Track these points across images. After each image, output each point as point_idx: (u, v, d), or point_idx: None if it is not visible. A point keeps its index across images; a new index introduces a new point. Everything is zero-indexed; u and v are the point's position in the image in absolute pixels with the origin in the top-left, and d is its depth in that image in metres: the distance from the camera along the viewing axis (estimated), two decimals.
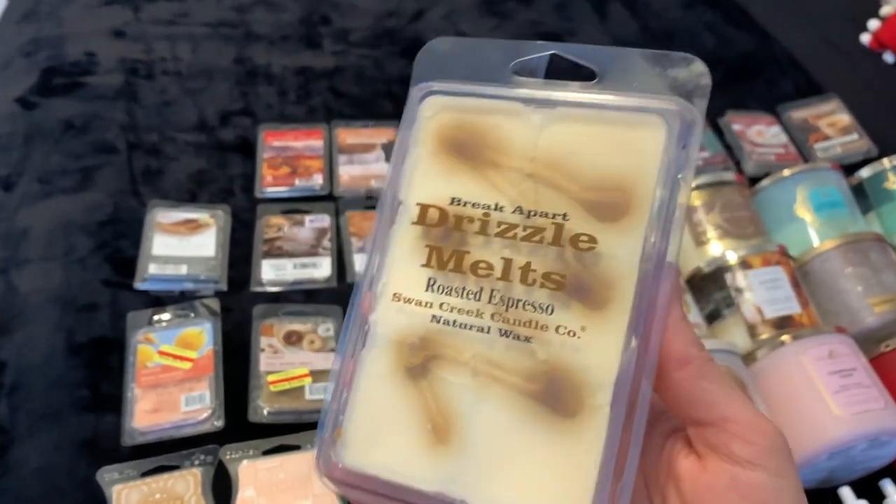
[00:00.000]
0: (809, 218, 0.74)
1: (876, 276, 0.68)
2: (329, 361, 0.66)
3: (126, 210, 0.77)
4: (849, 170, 0.81)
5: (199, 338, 0.66)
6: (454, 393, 0.29)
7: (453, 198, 0.31)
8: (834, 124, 0.91)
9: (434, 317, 0.30)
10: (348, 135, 0.87)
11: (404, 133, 0.33)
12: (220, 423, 0.62)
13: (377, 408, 0.30)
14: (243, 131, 0.87)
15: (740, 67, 1.01)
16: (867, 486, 0.61)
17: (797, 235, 0.74)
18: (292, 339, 0.67)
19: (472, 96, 0.33)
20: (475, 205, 0.31)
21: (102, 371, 0.65)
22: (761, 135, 0.89)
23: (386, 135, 0.87)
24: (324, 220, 0.78)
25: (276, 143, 0.85)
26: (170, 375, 0.64)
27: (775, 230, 0.75)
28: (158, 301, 0.70)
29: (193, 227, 0.75)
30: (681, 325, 0.28)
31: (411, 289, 0.31)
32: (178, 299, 0.71)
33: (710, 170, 0.84)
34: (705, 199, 0.73)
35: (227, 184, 0.81)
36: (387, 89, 0.94)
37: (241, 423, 0.63)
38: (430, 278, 0.30)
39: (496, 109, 0.32)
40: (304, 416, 0.63)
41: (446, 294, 0.30)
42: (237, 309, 0.71)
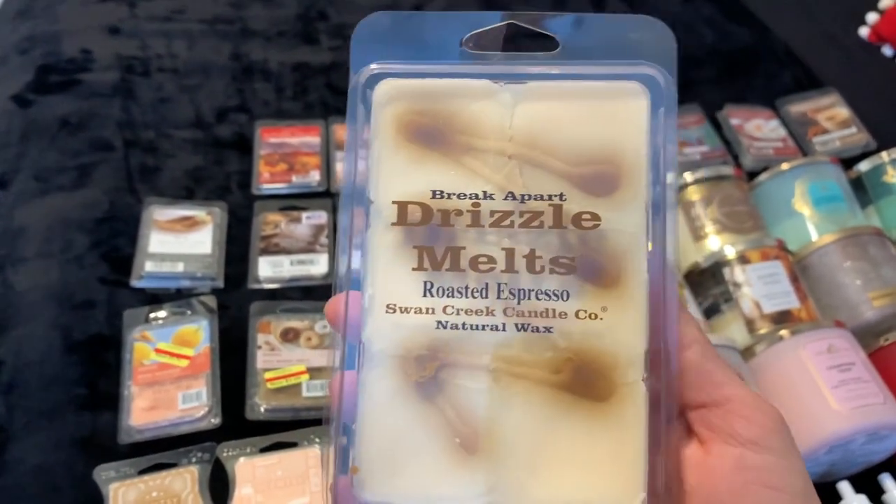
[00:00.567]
0: (808, 212, 0.74)
1: (875, 271, 0.68)
2: (326, 358, 0.66)
3: (123, 207, 0.77)
4: (848, 163, 0.81)
5: (195, 335, 0.66)
6: (476, 399, 0.27)
7: (434, 191, 0.28)
8: (833, 118, 0.91)
9: (439, 322, 0.28)
10: (345, 131, 0.87)
11: (356, 126, 0.30)
12: (217, 421, 0.62)
13: (392, 432, 0.27)
14: (240, 128, 0.86)
15: (739, 61, 1.00)
16: (866, 481, 0.61)
17: (796, 230, 0.74)
18: (289, 337, 0.67)
19: (428, 76, 0.29)
20: (461, 195, 0.28)
21: (99, 369, 0.65)
22: (760, 129, 0.89)
23: None
24: (321, 217, 0.78)
25: (272, 139, 0.85)
26: (166, 373, 0.63)
27: (774, 224, 0.75)
28: (155, 298, 0.70)
29: (190, 224, 0.75)
30: (680, 308, 0.28)
31: (406, 297, 0.28)
32: (175, 297, 0.70)
33: (708, 164, 0.83)
34: (703, 193, 0.73)
35: (224, 181, 0.81)
36: None
37: (239, 421, 0.63)
38: (425, 282, 0.28)
39: (461, 89, 0.29)
40: (302, 413, 0.63)
41: (448, 296, 0.28)
42: (234, 306, 0.70)
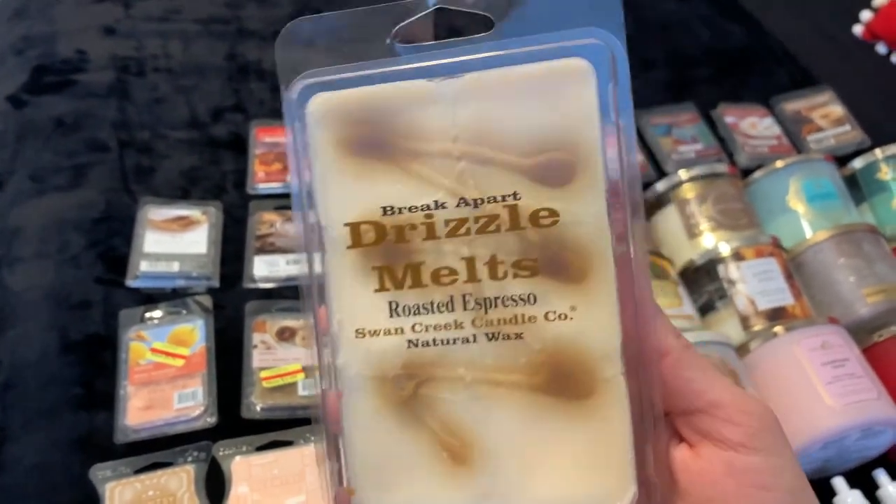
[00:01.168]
0: (802, 209, 0.74)
1: (869, 267, 0.68)
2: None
3: (118, 207, 0.77)
4: (842, 161, 0.81)
5: (191, 335, 0.66)
6: (458, 410, 0.27)
7: (384, 207, 0.27)
8: (827, 116, 0.91)
9: (410, 342, 0.27)
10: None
11: (294, 144, 0.28)
12: (212, 420, 0.62)
13: (381, 453, 0.27)
14: (235, 128, 0.86)
15: (734, 59, 1.01)
16: (861, 476, 0.61)
17: (790, 227, 0.74)
18: (285, 336, 0.67)
19: (361, 83, 0.27)
20: (412, 208, 0.27)
21: (96, 368, 0.65)
22: (754, 127, 0.89)
23: None
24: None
25: (268, 139, 0.85)
26: (162, 372, 0.64)
27: (768, 222, 0.75)
28: (151, 298, 0.70)
29: (185, 224, 0.75)
30: (655, 314, 0.27)
31: (373, 320, 0.27)
32: (171, 296, 0.71)
33: (703, 162, 0.83)
34: (698, 191, 0.73)
35: (220, 180, 0.81)
36: None
37: (234, 420, 0.63)
38: (390, 302, 0.27)
39: (397, 93, 0.27)
40: (297, 412, 0.63)
41: (414, 314, 0.27)
42: (230, 306, 0.70)
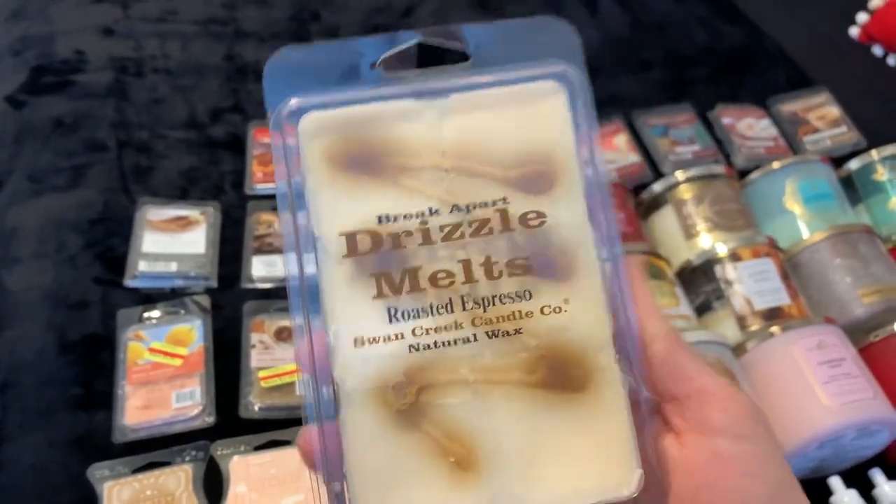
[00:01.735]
0: (799, 210, 0.74)
1: (865, 268, 0.68)
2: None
3: (117, 208, 0.77)
4: (838, 162, 0.81)
5: (189, 335, 0.66)
6: (461, 415, 0.27)
7: (379, 216, 0.28)
8: (823, 117, 0.92)
9: (410, 346, 0.27)
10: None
11: (283, 165, 0.29)
12: (211, 420, 0.62)
13: (385, 467, 0.27)
14: (234, 128, 0.86)
15: (730, 61, 1.01)
16: (857, 476, 0.61)
17: (787, 227, 0.74)
18: (283, 336, 0.67)
19: (351, 104, 0.29)
20: (407, 216, 0.28)
21: (94, 368, 0.65)
22: (751, 128, 0.89)
23: None
24: None
25: (266, 139, 0.85)
26: (160, 372, 0.64)
27: (765, 222, 0.75)
28: (149, 298, 0.70)
29: (184, 224, 0.75)
30: (647, 301, 0.29)
31: (372, 327, 0.28)
32: (169, 296, 0.71)
33: (699, 163, 0.84)
34: (695, 191, 0.74)
35: (218, 181, 0.81)
36: None
37: (233, 420, 0.63)
38: (388, 308, 0.28)
39: (386, 112, 0.29)
40: (296, 411, 0.63)
41: (414, 318, 0.28)
42: (228, 306, 0.71)
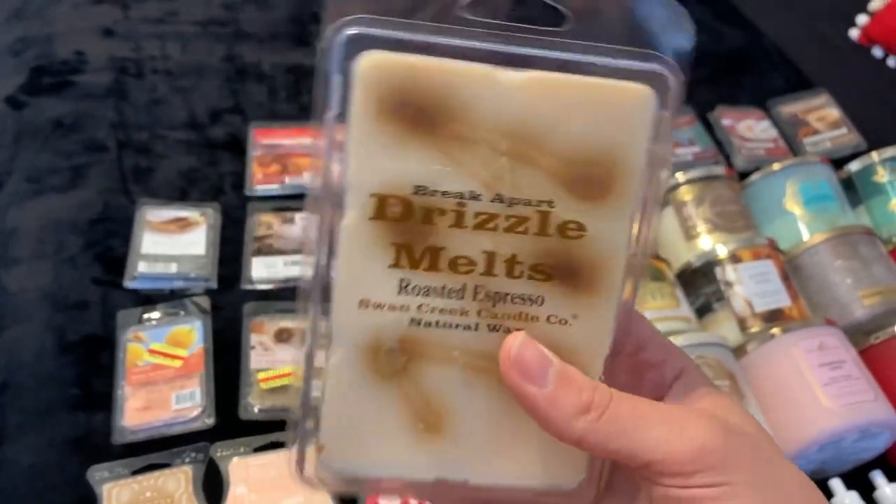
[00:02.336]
0: (799, 211, 0.74)
1: (865, 269, 0.68)
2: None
3: (116, 208, 0.77)
4: (838, 164, 0.81)
5: (189, 336, 0.66)
6: (442, 388, 0.28)
7: (417, 186, 0.26)
8: (823, 119, 0.92)
9: (413, 319, 0.28)
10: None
11: (331, 98, 0.26)
12: (210, 421, 0.62)
13: (357, 414, 0.28)
14: (233, 129, 0.86)
15: (730, 62, 1.01)
16: (858, 478, 0.61)
17: (787, 229, 0.74)
18: (283, 337, 0.67)
19: (423, 50, 0.26)
20: (445, 193, 0.27)
21: (93, 369, 0.65)
22: (751, 129, 0.90)
23: None
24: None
25: (266, 140, 0.85)
26: (160, 373, 0.64)
27: (765, 224, 0.75)
28: (148, 299, 0.70)
29: (183, 225, 0.75)
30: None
31: (380, 293, 0.27)
32: (169, 297, 0.70)
33: (700, 164, 0.84)
34: (695, 193, 0.74)
35: (218, 182, 0.81)
36: None
37: (232, 421, 0.63)
38: (401, 279, 0.27)
39: (457, 72, 0.26)
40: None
41: (423, 295, 0.27)
42: (227, 307, 0.70)
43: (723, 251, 0.68)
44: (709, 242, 0.71)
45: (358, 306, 0.27)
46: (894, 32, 1.00)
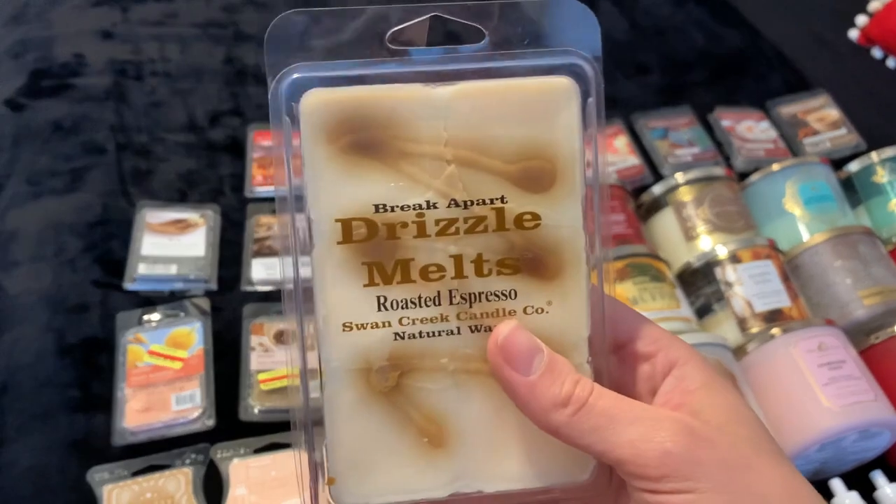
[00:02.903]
0: (799, 212, 0.74)
1: (865, 269, 0.68)
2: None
3: (116, 211, 0.77)
4: (838, 164, 0.81)
5: (189, 337, 0.66)
6: (439, 398, 0.29)
7: (376, 205, 0.28)
8: (823, 119, 0.92)
9: (396, 334, 0.29)
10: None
11: (281, 138, 0.29)
12: (210, 423, 0.62)
13: (361, 440, 0.29)
14: (233, 131, 0.86)
15: (730, 64, 1.01)
16: (858, 478, 0.61)
17: (787, 229, 0.74)
18: (283, 338, 0.67)
19: (357, 82, 0.28)
20: (404, 207, 0.28)
21: (93, 371, 0.65)
22: (751, 130, 0.90)
23: None
24: None
25: (265, 142, 0.85)
26: (160, 375, 0.64)
27: (765, 224, 0.75)
28: (148, 301, 0.70)
29: (183, 226, 0.75)
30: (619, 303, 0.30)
31: (360, 314, 0.28)
32: (168, 299, 0.70)
33: (699, 165, 0.84)
34: (695, 193, 0.74)
35: (217, 184, 0.81)
36: None
37: (232, 422, 0.63)
38: (378, 297, 0.28)
39: (392, 95, 0.28)
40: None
41: (402, 308, 0.28)
42: (227, 308, 0.71)
43: (723, 252, 0.68)
44: (709, 243, 0.71)
45: (342, 331, 0.28)
46: (894, 33, 1.00)
